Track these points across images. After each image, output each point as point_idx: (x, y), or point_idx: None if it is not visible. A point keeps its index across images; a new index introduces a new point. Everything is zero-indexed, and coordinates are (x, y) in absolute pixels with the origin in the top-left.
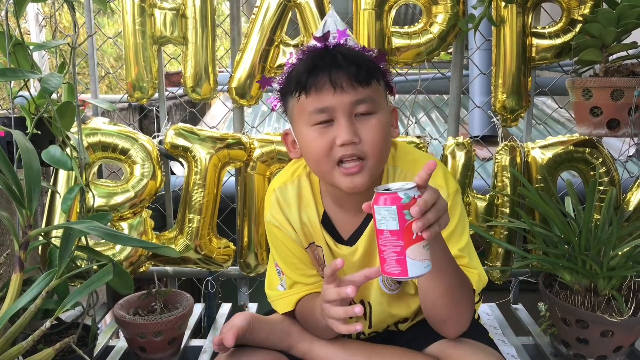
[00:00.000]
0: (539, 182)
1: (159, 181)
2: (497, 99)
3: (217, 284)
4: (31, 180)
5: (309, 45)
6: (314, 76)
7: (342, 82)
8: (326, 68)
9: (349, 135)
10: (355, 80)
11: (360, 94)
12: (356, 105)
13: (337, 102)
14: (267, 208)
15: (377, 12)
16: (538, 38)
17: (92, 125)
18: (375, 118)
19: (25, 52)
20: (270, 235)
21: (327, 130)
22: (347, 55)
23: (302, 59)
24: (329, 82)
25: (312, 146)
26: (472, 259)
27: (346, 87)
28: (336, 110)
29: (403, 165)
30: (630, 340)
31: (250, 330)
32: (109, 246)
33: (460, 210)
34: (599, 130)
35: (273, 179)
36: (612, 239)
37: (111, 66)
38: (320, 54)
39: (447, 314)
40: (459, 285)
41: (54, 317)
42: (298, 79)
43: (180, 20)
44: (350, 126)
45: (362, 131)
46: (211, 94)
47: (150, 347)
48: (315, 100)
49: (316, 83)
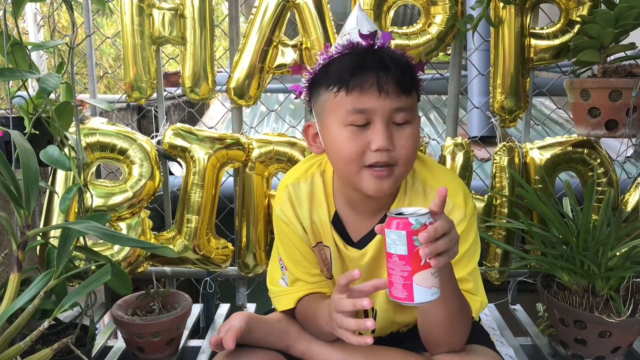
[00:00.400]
0: (537, 183)
1: (158, 181)
2: (495, 99)
3: (215, 284)
4: (29, 180)
5: (350, 39)
6: (360, 75)
7: (388, 86)
8: (374, 69)
9: (386, 142)
10: (400, 87)
11: (402, 102)
12: (396, 113)
13: (379, 106)
14: (277, 203)
15: (376, 12)
16: (536, 39)
17: (90, 125)
18: (411, 127)
19: (23, 52)
20: (277, 230)
21: (361, 132)
22: (394, 60)
23: (345, 55)
24: (375, 84)
25: (344, 147)
26: (476, 284)
27: (391, 93)
28: (376, 114)
29: (422, 176)
30: (628, 341)
31: (249, 331)
32: (107, 246)
33: (475, 233)
34: (597, 131)
35: (285, 175)
36: (610, 240)
37: (110, 66)
38: (367, 53)
39: (442, 339)
40: (460, 313)
41: (52, 317)
42: (341, 74)
43: (178, 20)
44: (387, 132)
45: (397, 139)
46: (210, 94)
47: (148, 348)
48: (355, 100)
49: (362, 83)
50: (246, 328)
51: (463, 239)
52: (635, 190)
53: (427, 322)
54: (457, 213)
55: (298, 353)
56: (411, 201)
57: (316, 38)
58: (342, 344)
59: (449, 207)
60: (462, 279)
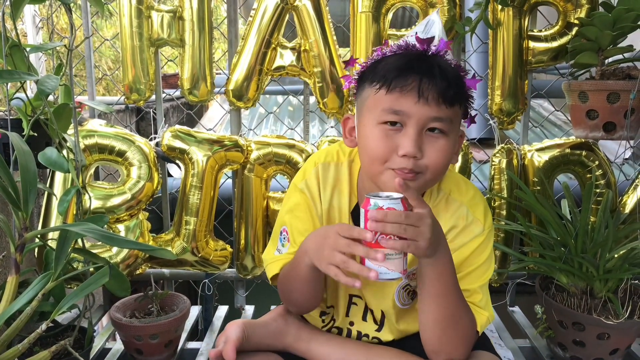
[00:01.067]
0: (535, 185)
1: (156, 183)
2: (493, 101)
3: (214, 286)
4: (27, 183)
5: (407, 41)
6: (404, 76)
7: (429, 94)
8: (419, 73)
9: (414, 149)
10: (442, 97)
11: (441, 112)
12: (432, 122)
13: (415, 111)
14: (303, 176)
15: (374, 14)
16: (534, 41)
17: (88, 127)
18: (445, 140)
19: (21, 54)
20: (294, 201)
21: (393, 134)
22: (443, 69)
23: (398, 54)
24: (416, 88)
25: (373, 145)
26: (486, 298)
27: (430, 101)
28: (410, 118)
29: (446, 187)
30: (626, 343)
31: (246, 338)
32: (106, 248)
33: (491, 249)
34: (595, 133)
35: (316, 152)
36: (608, 242)
37: (109, 68)
38: (418, 56)
39: (439, 346)
40: (458, 321)
41: (50, 319)
42: (386, 73)
43: (177, 22)
44: (417, 139)
45: (428, 148)
46: (208, 96)
47: (146, 350)
48: (394, 100)
49: (404, 84)
50: (243, 336)
51: (479, 252)
52: (634, 192)
53: (422, 325)
54: (475, 227)
55: (298, 352)
56: (434, 211)
57: (315, 40)
58: (342, 343)
59: (468, 219)
60: (473, 291)
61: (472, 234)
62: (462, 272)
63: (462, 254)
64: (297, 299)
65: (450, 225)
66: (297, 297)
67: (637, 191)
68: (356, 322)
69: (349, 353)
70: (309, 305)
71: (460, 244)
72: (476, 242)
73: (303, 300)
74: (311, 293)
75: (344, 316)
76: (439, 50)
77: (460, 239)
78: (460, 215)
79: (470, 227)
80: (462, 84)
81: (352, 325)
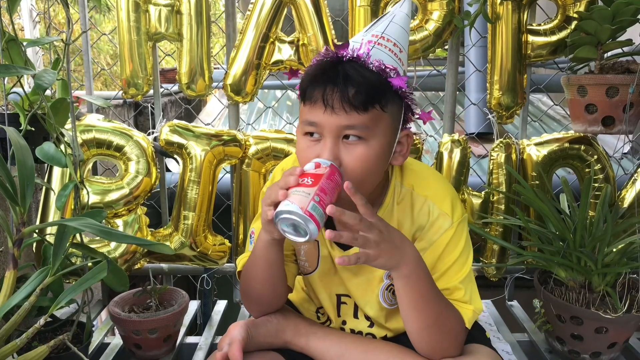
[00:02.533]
0: (534, 179)
1: (154, 178)
2: (492, 96)
3: (212, 281)
4: (24, 178)
5: (327, 47)
6: (311, 88)
7: (334, 102)
8: (323, 83)
9: (330, 158)
10: (348, 104)
11: (351, 119)
12: (346, 129)
13: (325, 121)
14: (271, 182)
15: (373, 8)
16: (533, 35)
17: (86, 122)
18: (363, 146)
19: (18, 48)
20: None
21: (315, 144)
22: (350, 76)
23: (316, 63)
24: (321, 99)
25: (300, 155)
26: (469, 291)
27: (337, 109)
28: (324, 129)
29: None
30: (624, 337)
31: (250, 338)
32: (104, 243)
33: (465, 241)
34: (593, 127)
35: (284, 159)
36: (606, 236)
37: (107, 64)
38: (328, 65)
39: (428, 350)
40: (439, 321)
41: (48, 314)
42: (302, 84)
43: (175, 16)
44: (333, 148)
45: (344, 156)
46: (206, 90)
47: (145, 344)
48: (308, 112)
49: (311, 96)
50: (247, 336)
51: (451, 247)
52: (632, 186)
53: (409, 333)
54: (443, 221)
55: (297, 348)
56: (399, 209)
57: (313, 34)
58: (341, 338)
59: (434, 215)
60: (453, 288)
61: (441, 229)
62: (438, 271)
63: (435, 252)
64: (256, 289)
65: (417, 223)
66: (256, 287)
67: (635, 185)
68: (348, 320)
69: (347, 348)
70: (269, 299)
71: (430, 241)
72: (447, 237)
73: (262, 290)
74: (270, 280)
75: (336, 316)
76: (358, 56)
77: (429, 236)
78: (426, 211)
79: (438, 222)
80: (380, 86)
81: (344, 324)
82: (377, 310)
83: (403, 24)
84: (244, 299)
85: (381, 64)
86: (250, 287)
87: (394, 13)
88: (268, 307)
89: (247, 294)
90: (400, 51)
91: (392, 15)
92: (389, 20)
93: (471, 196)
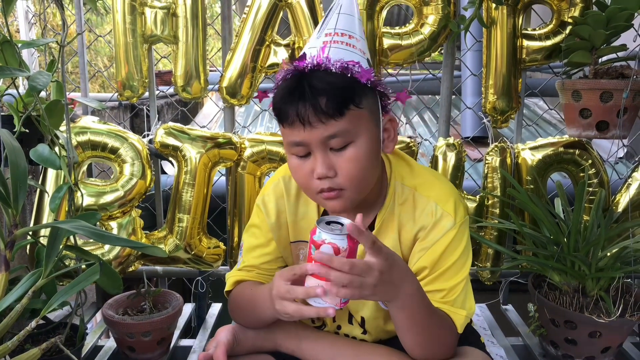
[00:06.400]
0: (529, 184)
1: (149, 180)
2: (487, 100)
3: (207, 283)
4: (17, 179)
5: (294, 63)
6: (284, 109)
7: (309, 117)
8: (293, 102)
9: (324, 170)
10: (324, 115)
11: (331, 129)
12: (329, 139)
13: (308, 138)
14: (262, 192)
15: (368, 12)
16: (528, 40)
17: (81, 124)
18: (352, 148)
19: (13, 49)
20: (252, 218)
21: (306, 160)
22: (315, 86)
23: (281, 84)
24: (297, 118)
25: (295, 174)
26: (463, 295)
27: (315, 123)
28: (310, 145)
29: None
30: (618, 341)
31: (237, 342)
32: (98, 245)
33: (465, 243)
34: (588, 132)
35: (282, 166)
36: (600, 240)
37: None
38: (292, 81)
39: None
40: (433, 335)
41: (40, 316)
42: (274, 107)
43: (170, 19)
44: (324, 160)
45: (338, 163)
46: (202, 93)
47: (139, 347)
48: (290, 134)
49: (287, 118)
50: (234, 340)
51: (452, 248)
52: (626, 191)
53: (403, 344)
54: (446, 221)
55: (288, 351)
56: (401, 210)
57: (308, 37)
58: (333, 341)
59: (437, 215)
60: (449, 289)
61: (443, 229)
62: (437, 271)
63: (436, 251)
64: (244, 319)
65: (420, 223)
66: (244, 318)
67: (629, 190)
68: (343, 325)
69: (339, 351)
70: (257, 326)
71: (432, 241)
72: (449, 237)
73: (250, 322)
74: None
75: (331, 321)
76: (319, 64)
77: (431, 236)
78: (429, 212)
79: (440, 223)
80: (348, 86)
81: (339, 329)
82: (373, 312)
83: (350, 11)
84: (232, 315)
85: (343, 63)
86: (238, 316)
87: (340, 3)
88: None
89: (235, 315)
90: (357, 41)
91: (338, 6)
92: (337, 13)
93: (466, 200)
